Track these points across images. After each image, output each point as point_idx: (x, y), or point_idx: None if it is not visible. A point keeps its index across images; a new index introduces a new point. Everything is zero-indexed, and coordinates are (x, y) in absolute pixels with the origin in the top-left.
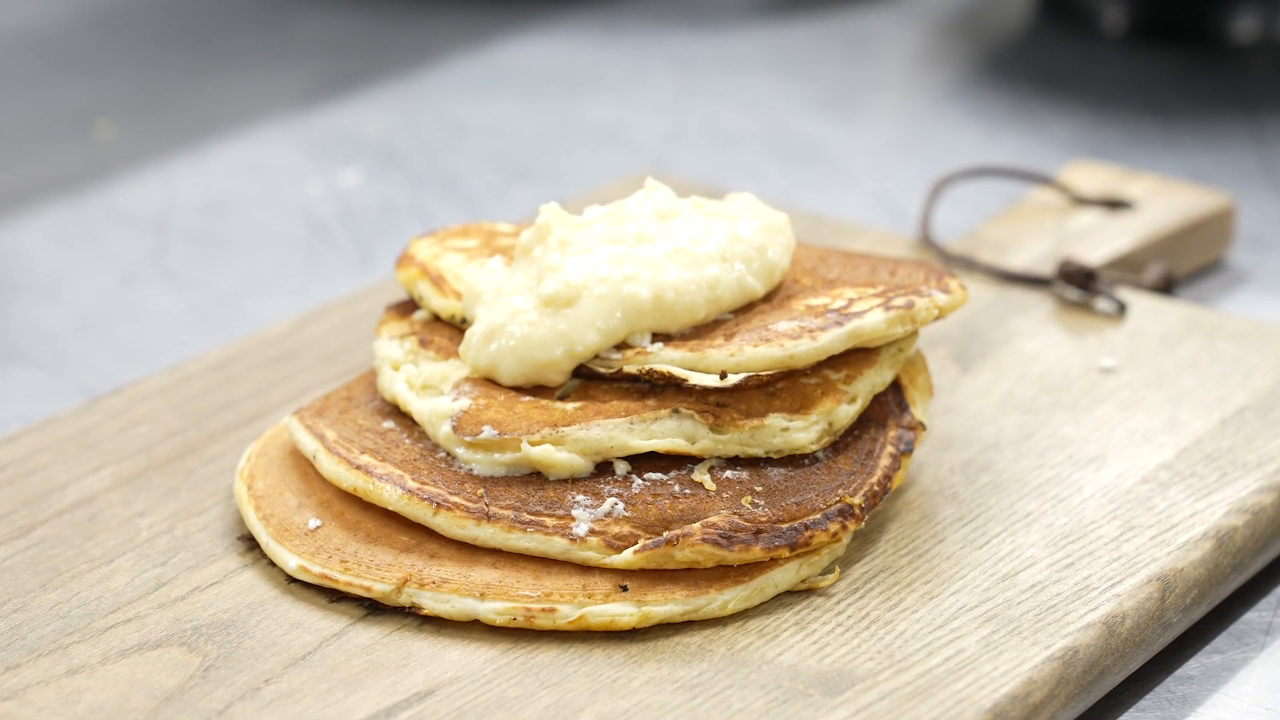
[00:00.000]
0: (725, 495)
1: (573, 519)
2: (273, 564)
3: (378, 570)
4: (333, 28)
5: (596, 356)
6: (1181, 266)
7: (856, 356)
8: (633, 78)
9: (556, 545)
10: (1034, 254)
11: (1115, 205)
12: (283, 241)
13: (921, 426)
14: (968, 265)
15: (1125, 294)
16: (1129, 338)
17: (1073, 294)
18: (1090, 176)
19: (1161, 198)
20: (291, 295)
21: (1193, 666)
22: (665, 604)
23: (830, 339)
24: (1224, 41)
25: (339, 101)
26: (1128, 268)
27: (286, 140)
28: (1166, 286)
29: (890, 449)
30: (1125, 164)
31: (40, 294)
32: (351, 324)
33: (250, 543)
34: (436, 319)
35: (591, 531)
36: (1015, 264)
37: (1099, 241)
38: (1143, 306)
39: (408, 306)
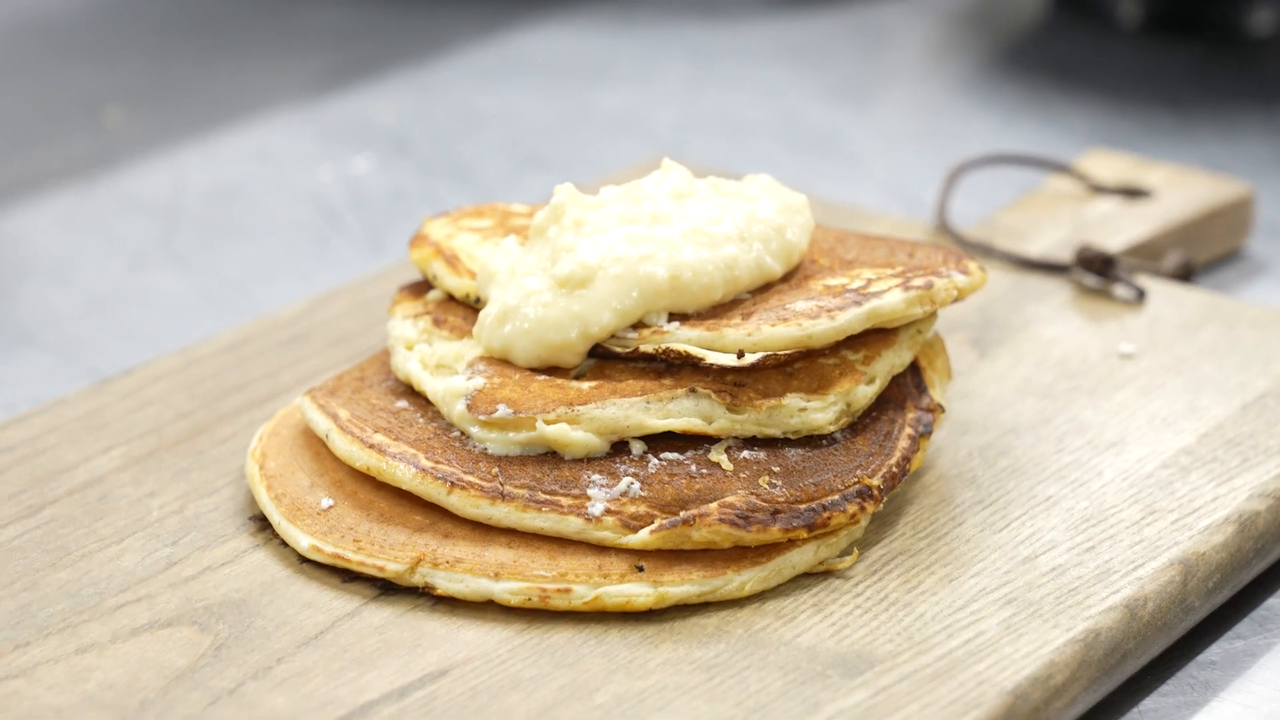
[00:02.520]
0: (742, 475)
1: (588, 498)
2: (285, 544)
3: (391, 550)
4: (344, 17)
5: (612, 336)
6: (1200, 255)
7: (875, 337)
8: (646, 67)
9: (572, 525)
10: (1051, 241)
11: (1133, 193)
12: (293, 227)
13: (940, 408)
14: (985, 251)
15: (1144, 281)
16: (1148, 324)
17: (1091, 280)
18: (1107, 165)
19: (1179, 186)
20: (302, 280)
21: (1215, 652)
22: (682, 585)
23: (849, 318)
24: (1240, 35)
25: (350, 90)
26: (1146, 256)
27: (297, 127)
28: (1185, 275)
29: (909, 430)
30: (1142, 155)
31: (49, 278)
32: (363, 307)
33: (262, 523)
34: (450, 299)
35: (607, 511)
36: (1032, 251)
37: (1116, 229)
38: (1162, 293)
39: (421, 287)
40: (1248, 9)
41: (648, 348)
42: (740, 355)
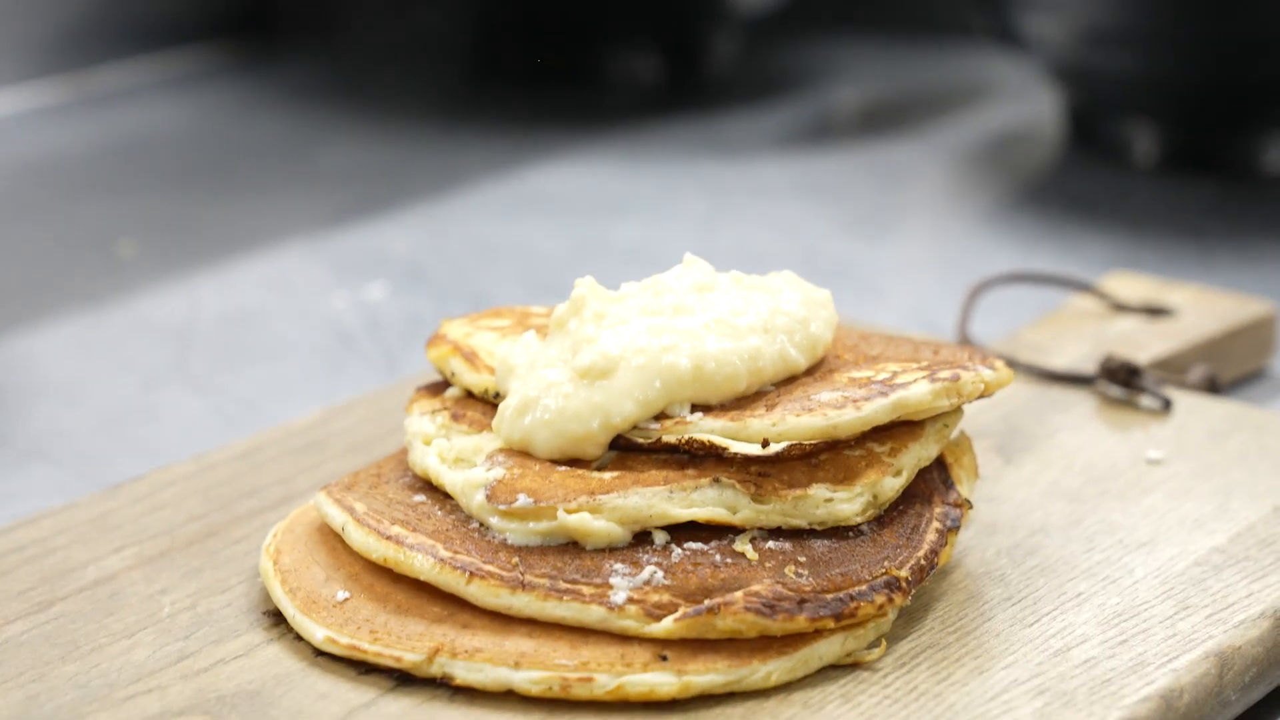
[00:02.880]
0: (768, 565)
1: (610, 587)
2: (299, 638)
3: (408, 640)
4: (357, 157)
5: (634, 427)
6: (1224, 374)
7: (901, 430)
8: (661, 203)
9: (594, 614)
10: (1074, 356)
11: (1156, 312)
12: (307, 351)
13: (968, 504)
14: (1009, 364)
15: (1170, 392)
16: (1175, 432)
17: (1116, 391)
18: (1129, 285)
19: (1202, 306)
20: (317, 401)
21: None
22: (706, 674)
23: (875, 409)
24: (1255, 172)
25: (364, 224)
26: (1170, 372)
27: (311, 258)
28: (1211, 387)
29: (936, 525)
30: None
31: (62, 397)
32: (379, 416)
33: (276, 618)
34: (469, 395)
35: (630, 600)
36: (1056, 365)
37: (1140, 346)
38: (1188, 404)
39: (439, 387)
40: (1263, 147)
41: (670, 438)
42: (765, 445)
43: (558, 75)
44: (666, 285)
